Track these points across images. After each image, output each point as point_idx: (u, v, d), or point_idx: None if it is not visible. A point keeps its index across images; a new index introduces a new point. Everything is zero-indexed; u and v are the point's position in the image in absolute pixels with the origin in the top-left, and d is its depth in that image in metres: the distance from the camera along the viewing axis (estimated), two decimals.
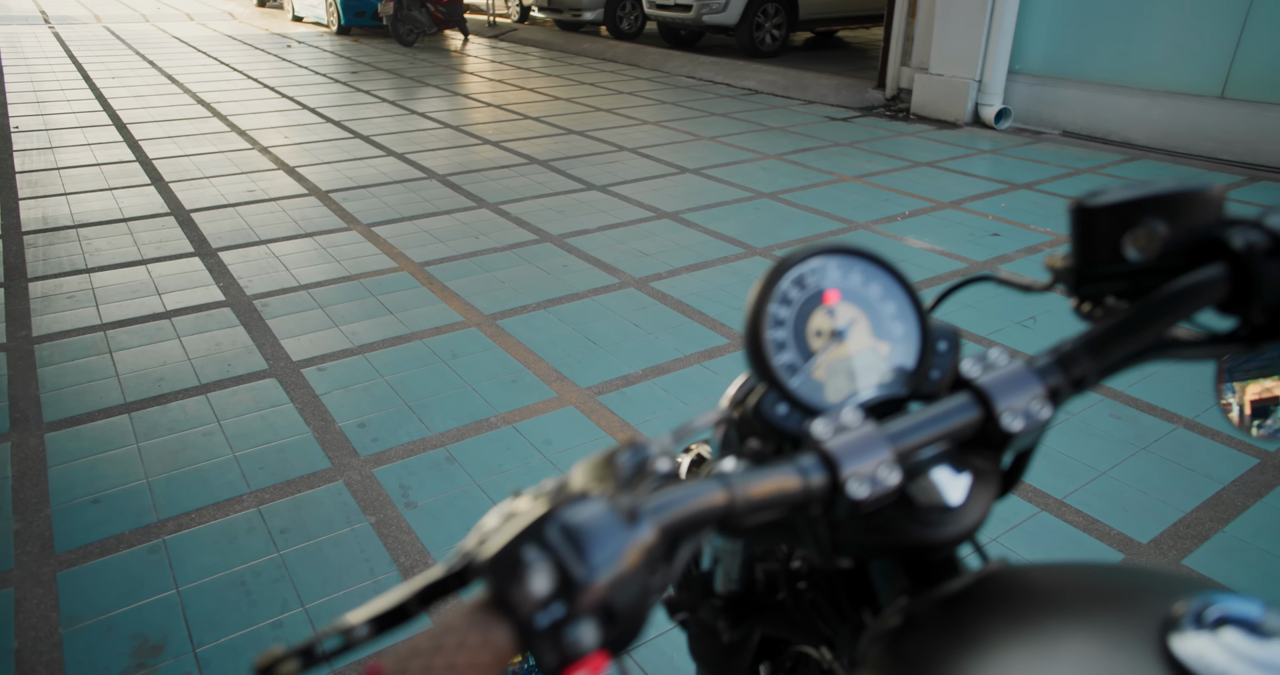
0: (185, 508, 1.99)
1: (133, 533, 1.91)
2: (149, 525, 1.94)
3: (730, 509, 0.40)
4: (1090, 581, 0.52)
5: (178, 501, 2.02)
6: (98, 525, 1.94)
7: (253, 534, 1.90)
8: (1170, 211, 0.47)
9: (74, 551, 1.86)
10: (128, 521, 1.95)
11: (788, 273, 0.58)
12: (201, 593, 1.73)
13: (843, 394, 0.57)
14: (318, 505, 2.00)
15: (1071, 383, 0.47)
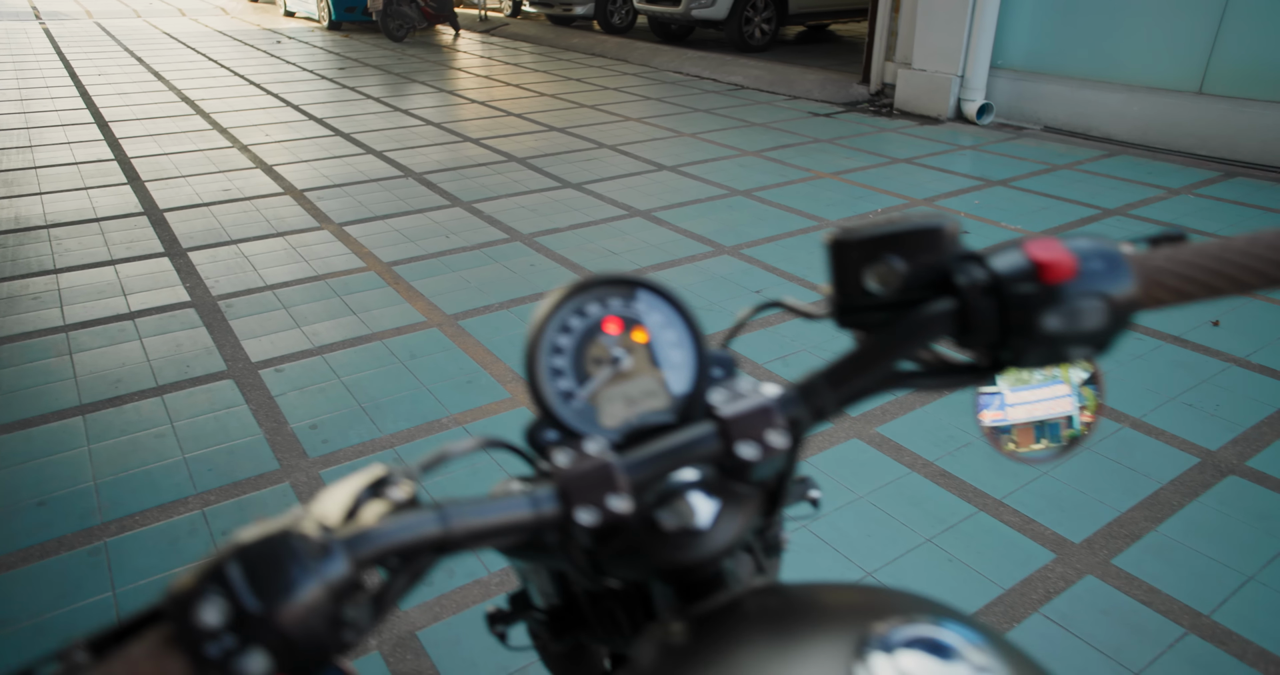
0: (129, 510, 2.01)
1: (75, 535, 1.93)
2: (92, 528, 1.95)
3: (446, 540, 0.42)
4: (833, 603, 0.53)
5: (123, 504, 2.03)
6: (40, 528, 1.96)
7: (194, 536, 1.92)
8: (910, 248, 0.48)
9: (13, 554, 1.87)
10: (71, 524, 1.97)
11: (568, 302, 0.60)
12: (138, 595, 1.75)
13: (617, 420, 0.58)
14: (262, 507, 2.01)
15: (812, 413, 0.49)
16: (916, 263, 0.48)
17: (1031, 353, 0.47)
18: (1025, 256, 0.46)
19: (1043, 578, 1.74)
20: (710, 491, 0.54)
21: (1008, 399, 0.71)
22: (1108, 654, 1.55)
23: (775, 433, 0.47)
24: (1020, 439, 0.73)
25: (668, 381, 0.59)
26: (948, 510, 1.96)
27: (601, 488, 0.45)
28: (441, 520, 0.42)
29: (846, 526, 1.92)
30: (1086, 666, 1.54)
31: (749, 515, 0.54)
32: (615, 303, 0.60)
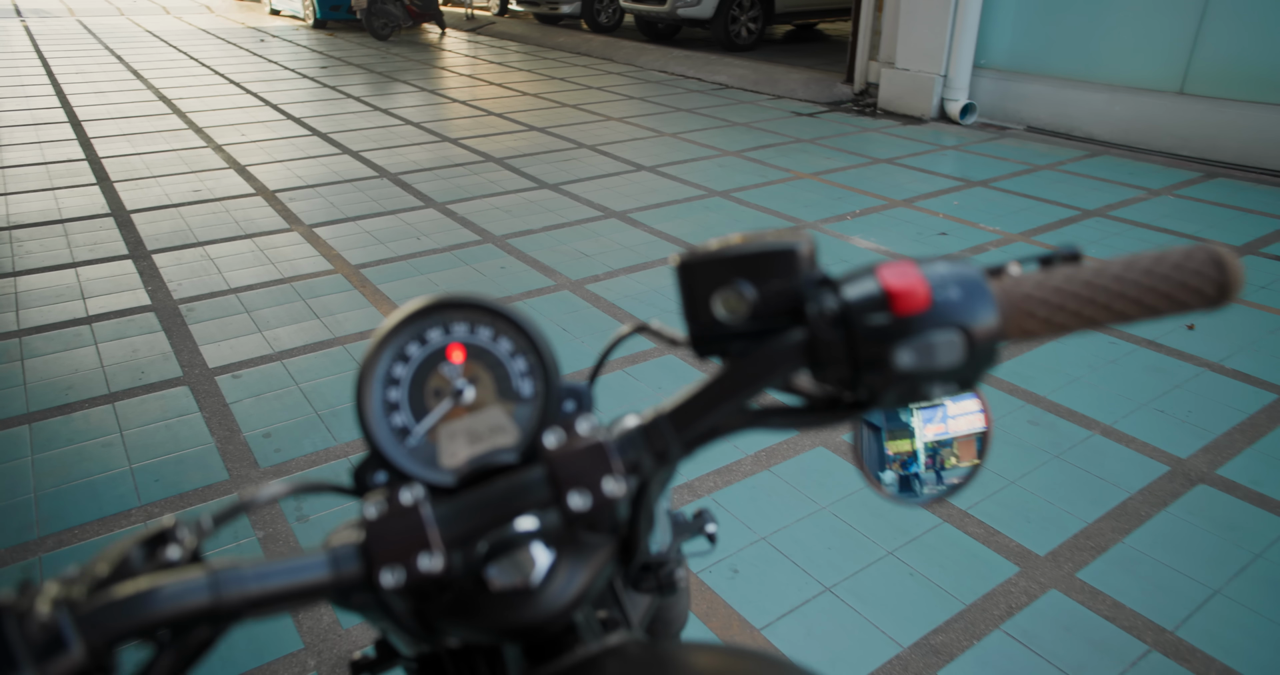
0: (69, 523, 1.94)
1: (8, 550, 1.86)
2: (27, 542, 1.89)
3: (217, 609, 0.36)
4: (698, 667, 0.48)
5: (62, 517, 1.97)
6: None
7: None
8: (761, 272, 0.43)
9: None
10: (6, 539, 1.90)
11: (406, 327, 0.54)
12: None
13: (458, 459, 0.53)
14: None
15: (654, 455, 0.44)
16: (767, 288, 0.43)
17: (888, 391, 0.41)
18: (877, 283, 0.41)
19: (1005, 592, 1.69)
20: (550, 542, 0.49)
21: (949, 410, 0.66)
22: (1068, 673, 1.51)
23: (611, 479, 0.42)
24: (962, 453, 0.68)
25: (517, 415, 0.54)
26: (911, 522, 1.92)
27: (411, 544, 0.40)
28: (212, 586, 0.37)
29: (807, 539, 1.87)
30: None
31: (596, 567, 0.49)
32: (460, 328, 0.54)
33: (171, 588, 0.36)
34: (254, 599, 0.37)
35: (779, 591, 1.72)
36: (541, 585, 0.47)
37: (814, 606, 1.67)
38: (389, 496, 0.42)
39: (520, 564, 0.47)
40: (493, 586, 0.47)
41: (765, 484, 2.06)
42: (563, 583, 0.47)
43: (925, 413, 0.66)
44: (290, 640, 1.63)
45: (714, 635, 1.61)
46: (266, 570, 0.38)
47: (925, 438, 0.66)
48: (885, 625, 1.62)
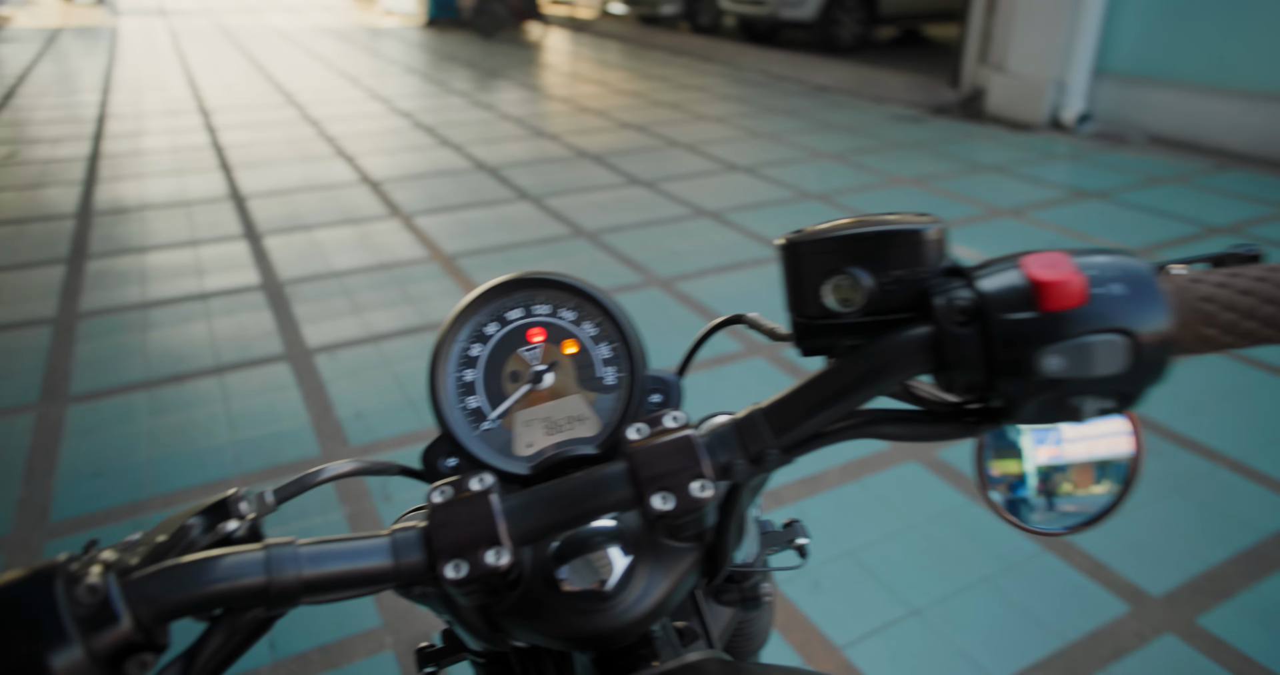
0: (174, 486, 2.04)
1: (122, 507, 1.97)
2: (138, 501, 1.99)
3: (270, 591, 0.34)
4: None
5: (169, 479, 2.07)
6: (93, 498, 2.00)
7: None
8: (880, 257, 0.38)
9: (65, 522, 1.92)
10: (120, 496, 2.01)
11: (485, 304, 0.52)
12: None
13: (533, 448, 0.50)
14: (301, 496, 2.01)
15: (748, 459, 0.39)
16: (887, 276, 0.38)
17: (1028, 402, 0.36)
18: (1021, 274, 0.35)
19: (1113, 632, 1.57)
20: (629, 545, 0.45)
21: (1065, 432, 0.60)
22: None
23: (699, 482, 0.38)
24: (1079, 480, 0.61)
25: (598, 406, 0.51)
26: (1010, 547, 1.81)
27: (477, 536, 0.37)
28: (267, 566, 0.34)
29: (895, 557, 1.78)
30: None
31: (678, 576, 0.45)
32: (542, 308, 0.51)
33: (225, 563, 0.34)
34: (309, 582, 0.35)
35: (863, 610, 1.64)
36: (616, 591, 0.43)
37: (900, 629, 1.59)
38: (457, 482, 0.39)
39: (595, 566, 0.44)
40: (564, 588, 0.43)
41: (853, 497, 1.98)
42: (640, 590, 0.44)
43: (1038, 433, 0.60)
44: (369, 616, 1.65)
45: (791, 649, 1.55)
46: (324, 552, 0.36)
47: (1036, 460, 0.60)
48: (977, 656, 1.52)
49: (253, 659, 1.55)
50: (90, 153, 5.34)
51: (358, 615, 1.66)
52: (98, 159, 5.18)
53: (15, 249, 3.67)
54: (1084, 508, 0.59)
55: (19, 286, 3.27)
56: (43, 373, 2.61)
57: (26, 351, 2.74)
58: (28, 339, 2.83)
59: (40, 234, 3.86)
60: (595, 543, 0.44)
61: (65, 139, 5.71)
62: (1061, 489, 0.60)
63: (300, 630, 1.62)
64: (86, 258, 3.57)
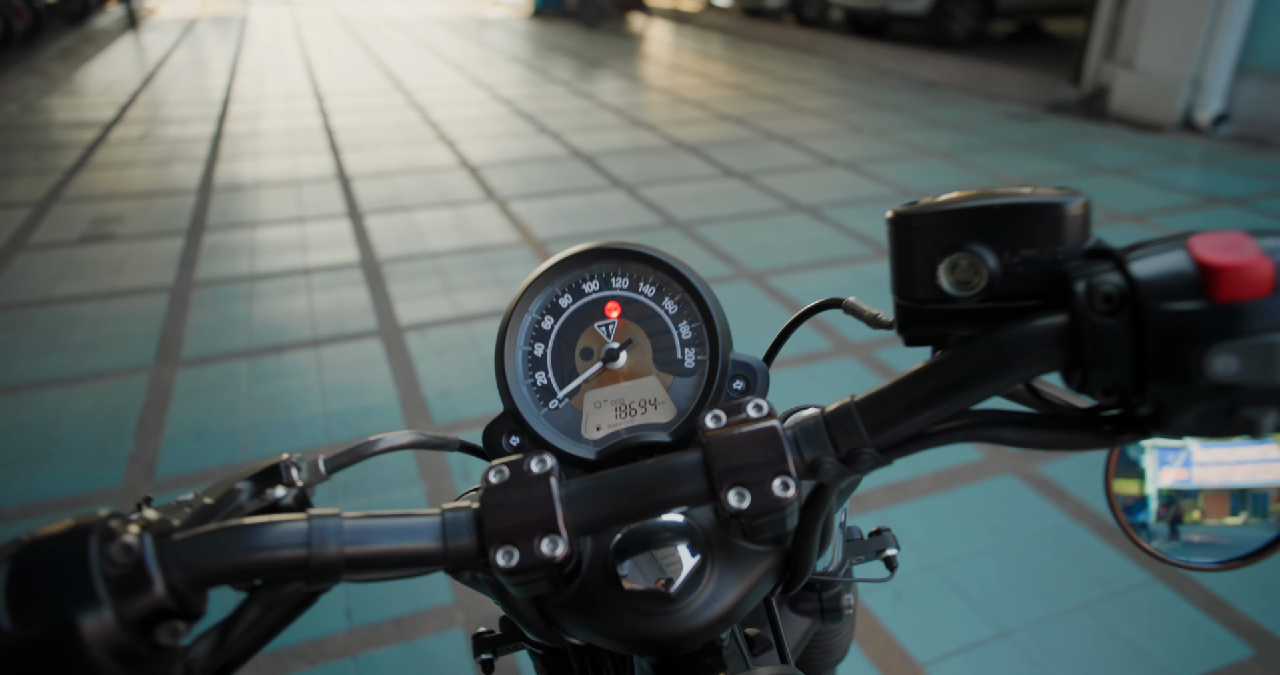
0: (268, 451, 2.12)
1: (219, 468, 2.06)
2: (234, 464, 2.07)
3: (307, 566, 0.32)
4: None
5: (263, 444, 2.15)
6: (195, 458, 2.11)
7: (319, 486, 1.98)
8: (1009, 233, 0.33)
9: (169, 479, 2.03)
10: (219, 458, 2.10)
11: (560, 274, 0.48)
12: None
13: (602, 431, 0.46)
14: (381, 466, 2.06)
15: (839, 457, 0.34)
16: (1015, 256, 0.32)
17: (1187, 411, 0.30)
18: (1187, 257, 0.29)
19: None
20: (699, 544, 0.41)
21: (1196, 455, 0.52)
22: None
23: (782, 479, 0.33)
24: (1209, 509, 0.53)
25: (675, 390, 0.46)
26: (1114, 573, 1.67)
27: (533, 522, 0.34)
28: (308, 538, 0.32)
29: (985, 575, 1.68)
30: None
31: (751, 582, 0.40)
32: (620, 281, 0.48)
33: (267, 532, 0.32)
34: (351, 558, 0.32)
35: (947, 627, 1.55)
36: (682, 593, 0.39)
37: (987, 650, 1.50)
38: (515, 463, 0.36)
39: (659, 564, 0.40)
40: (624, 586, 0.40)
41: (942, 508, 1.88)
42: (708, 594, 0.40)
43: (1163, 452, 0.52)
44: (442, 592, 1.67)
45: (869, 663, 1.48)
46: (369, 527, 0.33)
47: (1160, 483, 0.52)
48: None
49: (328, 626, 1.59)
50: (214, 133, 5.65)
51: (430, 591, 1.68)
52: (220, 139, 5.47)
53: (143, 221, 3.91)
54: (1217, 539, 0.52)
55: (143, 256, 3.48)
56: (158, 337, 2.77)
57: (145, 317, 2.91)
58: (147, 305, 3.00)
59: (165, 208, 4.10)
60: (662, 538, 0.41)
61: (193, 120, 6.06)
62: (1189, 517, 0.53)
63: (375, 601, 1.65)
64: (204, 231, 3.77)
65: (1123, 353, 0.30)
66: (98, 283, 3.19)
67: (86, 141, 5.42)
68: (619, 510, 0.35)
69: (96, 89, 7.25)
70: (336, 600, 1.64)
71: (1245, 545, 0.46)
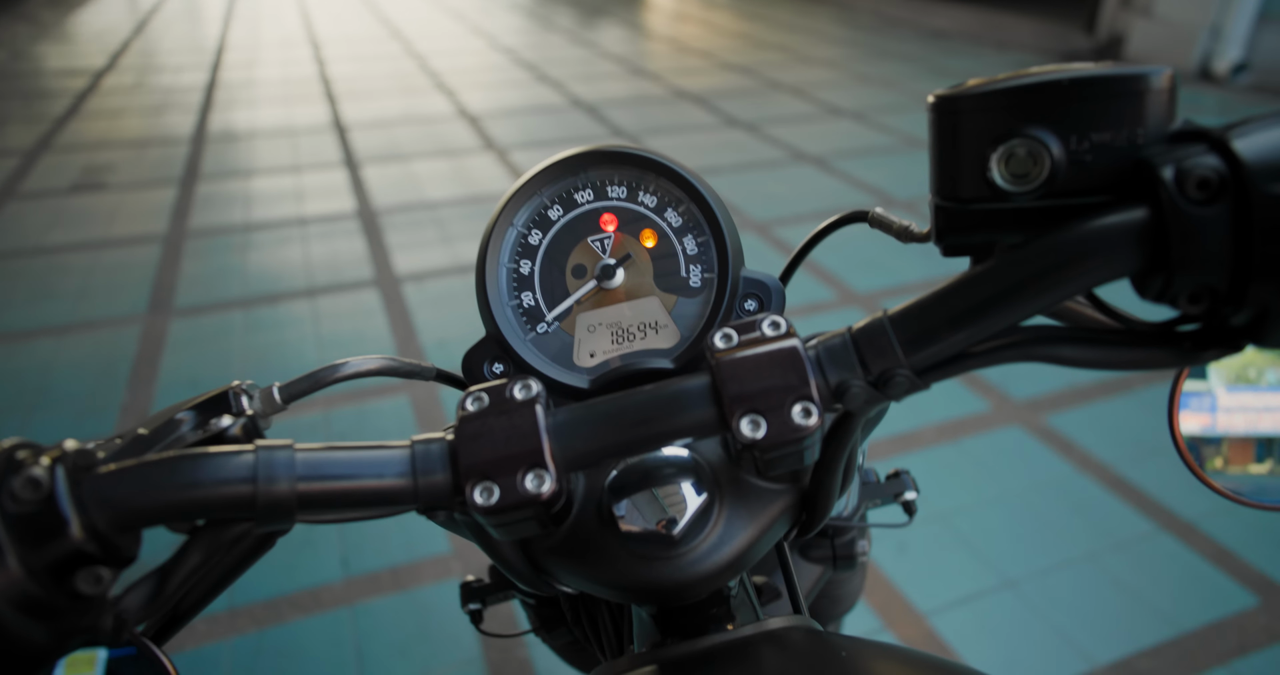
0: None
1: None
2: None
3: (253, 503, 0.27)
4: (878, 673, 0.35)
5: None
6: None
7: (313, 434, 1.96)
8: (1078, 114, 0.27)
9: None
10: None
11: (549, 182, 0.43)
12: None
13: (596, 358, 0.42)
14: (380, 417, 2.03)
15: (870, 380, 0.29)
16: (1085, 141, 0.27)
17: None
18: None
19: (1238, 626, 1.41)
20: (705, 482, 0.36)
21: (1221, 400, 0.48)
22: None
23: (803, 404, 0.29)
24: (1234, 456, 0.49)
25: (678, 311, 0.41)
26: (1120, 524, 1.65)
27: (515, 455, 0.30)
28: (254, 471, 0.28)
29: (990, 525, 1.66)
30: None
31: (764, 524, 0.36)
32: (617, 190, 0.43)
33: (204, 464, 0.27)
34: (306, 496, 0.28)
35: (951, 577, 1.54)
36: (686, 536, 0.35)
37: (991, 601, 1.48)
38: (495, 388, 0.32)
39: (661, 504, 0.36)
40: (621, 528, 0.36)
41: (948, 459, 1.85)
42: (715, 538, 0.35)
43: (1187, 397, 0.48)
44: (439, 541, 1.66)
45: (871, 612, 1.46)
46: (327, 460, 0.29)
47: (1185, 428, 0.48)
48: (1077, 636, 1.40)
49: (325, 574, 1.58)
50: (208, 81, 5.52)
51: (428, 540, 1.66)
52: (214, 87, 5.35)
53: (135, 170, 3.83)
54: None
55: (136, 205, 3.41)
56: (151, 287, 2.72)
57: (138, 266, 2.86)
58: (140, 255, 2.95)
59: (158, 157, 4.01)
60: (664, 475, 0.36)
61: (186, 68, 5.92)
62: (1210, 464, 0.49)
63: (372, 550, 1.64)
64: (198, 180, 3.69)
65: (1219, 250, 0.25)
66: (90, 232, 3.14)
67: (77, 89, 5.30)
68: (614, 442, 0.30)
69: (87, 36, 7.07)
70: (332, 548, 1.63)
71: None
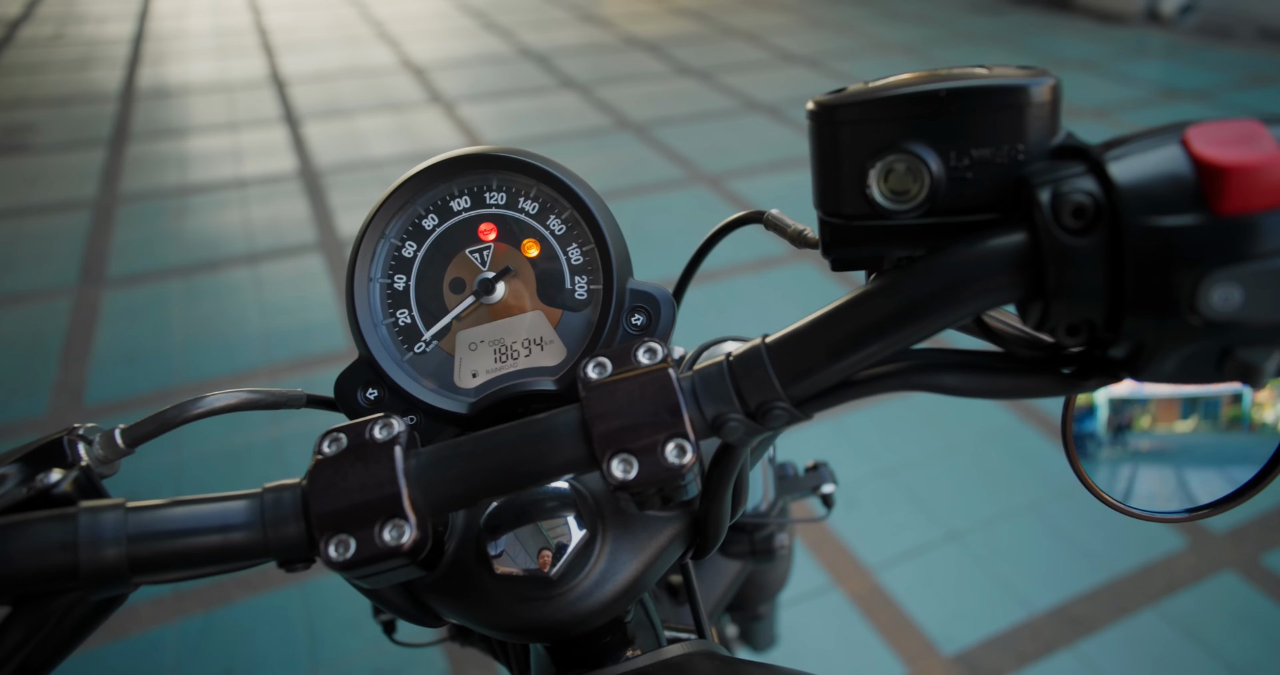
0: (205, 374, 2.03)
1: (153, 393, 1.97)
2: (168, 387, 1.99)
3: (75, 572, 0.25)
4: None
5: (199, 366, 2.06)
6: (126, 382, 2.01)
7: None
8: (958, 127, 0.25)
9: (99, 406, 1.94)
10: (152, 382, 2.01)
11: (422, 189, 0.39)
12: (197, 462, 1.77)
13: (478, 379, 0.39)
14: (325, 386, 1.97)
15: (750, 412, 0.28)
16: (964, 157, 0.26)
17: (1170, 354, 0.24)
18: (1182, 155, 0.23)
19: (1168, 567, 1.47)
20: (584, 514, 0.35)
21: None
22: (1237, 669, 1.30)
23: (676, 442, 0.27)
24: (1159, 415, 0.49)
25: (564, 326, 0.39)
26: (1061, 473, 1.70)
27: (372, 505, 0.27)
28: (74, 536, 0.25)
29: (936, 478, 1.69)
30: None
31: (652, 555, 0.35)
32: (496, 197, 0.39)
33: (17, 533, 0.25)
34: (142, 559, 0.26)
35: (898, 531, 1.57)
36: (566, 575, 0.33)
37: (936, 553, 1.52)
38: (352, 429, 0.29)
39: (538, 540, 0.34)
40: (498, 570, 0.34)
41: (895, 413, 1.88)
42: (598, 574, 0.34)
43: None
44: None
45: (821, 568, 1.49)
46: (164, 517, 0.27)
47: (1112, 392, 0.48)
48: (1017, 585, 1.45)
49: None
50: (135, 32, 5.23)
51: None
52: (142, 39, 5.07)
53: (59, 130, 3.64)
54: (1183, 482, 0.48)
55: (62, 168, 3.25)
56: (81, 256, 2.61)
57: (66, 234, 2.73)
58: (68, 221, 2.82)
59: (84, 115, 3.81)
60: (542, 509, 0.35)
61: (111, 17, 5.60)
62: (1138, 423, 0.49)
63: None
64: (128, 141, 3.52)
65: (1094, 281, 0.24)
66: (11, 197, 2.99)
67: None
68: (479, 485, 0.28)
69: None
70: None
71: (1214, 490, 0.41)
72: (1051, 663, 1.30)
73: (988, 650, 1.32)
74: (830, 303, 0.28)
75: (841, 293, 0.30)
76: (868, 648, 1.34)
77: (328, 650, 1.35)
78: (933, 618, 1.38)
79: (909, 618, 1.39)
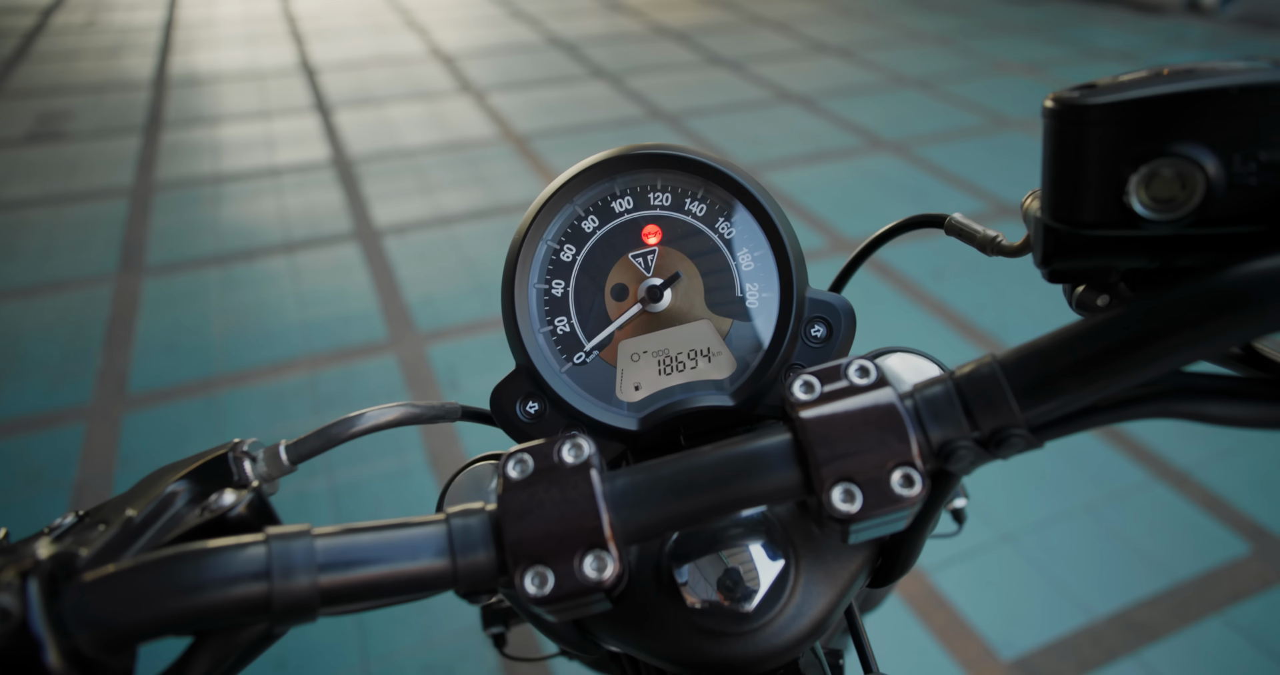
0: (245, 364, 2.03)
1: (195, 383, 1.97)
2: (209, 377, 1.99)
3: (269, 605, 0.23)
4: None
5: (240, 357, 2.06)
6: (168, 371, 2.02)
7: (299, 398, 1.91)
8: (1242, 130, 0.23)
9: (142, 394, 1.94)
10: (194, 370, 2.01)
11: (581, 189, 0.37)
12: None
13: (642, 392, 0.36)
14: (365, 378, 1.98)
15: (981, 440, 0.25)
16: (1250, 161, 0.23)
17: None
18: None
19: (1232, 574, 1.44)
20: (777, 542, 0.32)
21: None
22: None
23: (903, 471, 0.25)
24: None
25: (734, 337, 0.36)
26: (1115, 474, 1.66)
27: (572, 535, 0.25)
28: (268, 567, 0.23)
29: (987, 480, 1.66)
30: None
31: (842, 586, 0.33)
32: (660, 198, 0.37)
33: (209, 564, 0.23)
34: (330, 591, 0.24)
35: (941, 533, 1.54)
36: (762, 609, 0.31)
37: (991, 556, 1.49)
38: (539, 449, 0.27)
39: (731, 572, 0.31)
40: (687, 600, 0.31)
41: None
42: (794, 608, 0.31)
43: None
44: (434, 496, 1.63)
45: None
46: (352, 545, 0.25)
47: None
48: (1076, 590, 1.42)
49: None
50: (165, 20, 5.24)
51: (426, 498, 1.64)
52: (172, 27, 5.08)
53: (94, 117, 3.65)
54: None
55: (98, 155, 3.26)
56: (120, 244, 2.62)
57: (105, 221, 2.74)
58: (106, 209, 2.83)
59: (118, 103, 3.83)
60: (730, 536, 0.32)
61: (141, 5, 5.62)
62: None
63: (365, 514, 1.62)
64: (161, 128, 3.53)
65: None
66: (50, 185, 3.00)
67: (24, 29, 5.02)
68: (684, 512, 0.26)
69: None
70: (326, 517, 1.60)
71: None
72: (1114, 670, 1.27)
73: (1048, 656, 1.30)
74: (1077, 323, 0.25)
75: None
76: (924, 651, 1.32)
77: (378, 646, 1.34)
78: (989, 622, 1.36)
79: (965, 621, 1.36)
